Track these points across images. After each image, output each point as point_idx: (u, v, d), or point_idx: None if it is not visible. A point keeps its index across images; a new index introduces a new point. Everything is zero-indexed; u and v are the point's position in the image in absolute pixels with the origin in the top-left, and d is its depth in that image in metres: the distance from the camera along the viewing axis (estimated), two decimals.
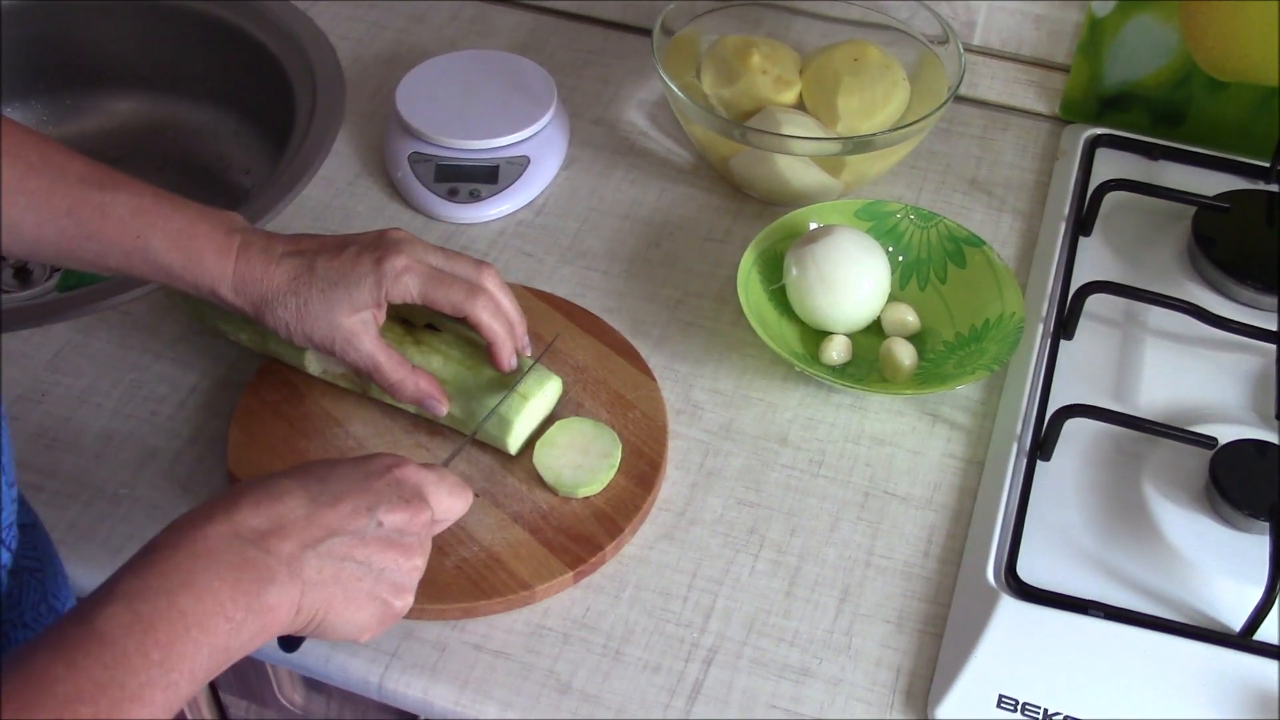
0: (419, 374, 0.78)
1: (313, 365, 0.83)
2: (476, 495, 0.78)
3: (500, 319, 0.78)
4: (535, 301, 0.90)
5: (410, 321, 0.82)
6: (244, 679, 0.89)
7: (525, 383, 0.79)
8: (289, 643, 0.66)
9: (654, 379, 0.85)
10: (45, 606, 0.66)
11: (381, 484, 0.63)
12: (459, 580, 0.74)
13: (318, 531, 0.60)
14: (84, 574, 0.76)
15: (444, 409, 0.79)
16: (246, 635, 0.56)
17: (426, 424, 0.82)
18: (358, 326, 0.76)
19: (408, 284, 0.75)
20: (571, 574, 0.75)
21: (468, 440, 0.78)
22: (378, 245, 0.76)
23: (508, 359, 0.79)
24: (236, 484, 0.62)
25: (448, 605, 0.73)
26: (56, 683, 0.49)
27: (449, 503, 0.67)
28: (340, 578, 0.60)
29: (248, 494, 0.59)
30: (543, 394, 0.80)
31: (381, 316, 0.77)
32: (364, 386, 0.83)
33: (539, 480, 0.79)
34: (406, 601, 0.64)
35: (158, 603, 0.53)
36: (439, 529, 0.68)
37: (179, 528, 0.57)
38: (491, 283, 0.78)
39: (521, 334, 0.80)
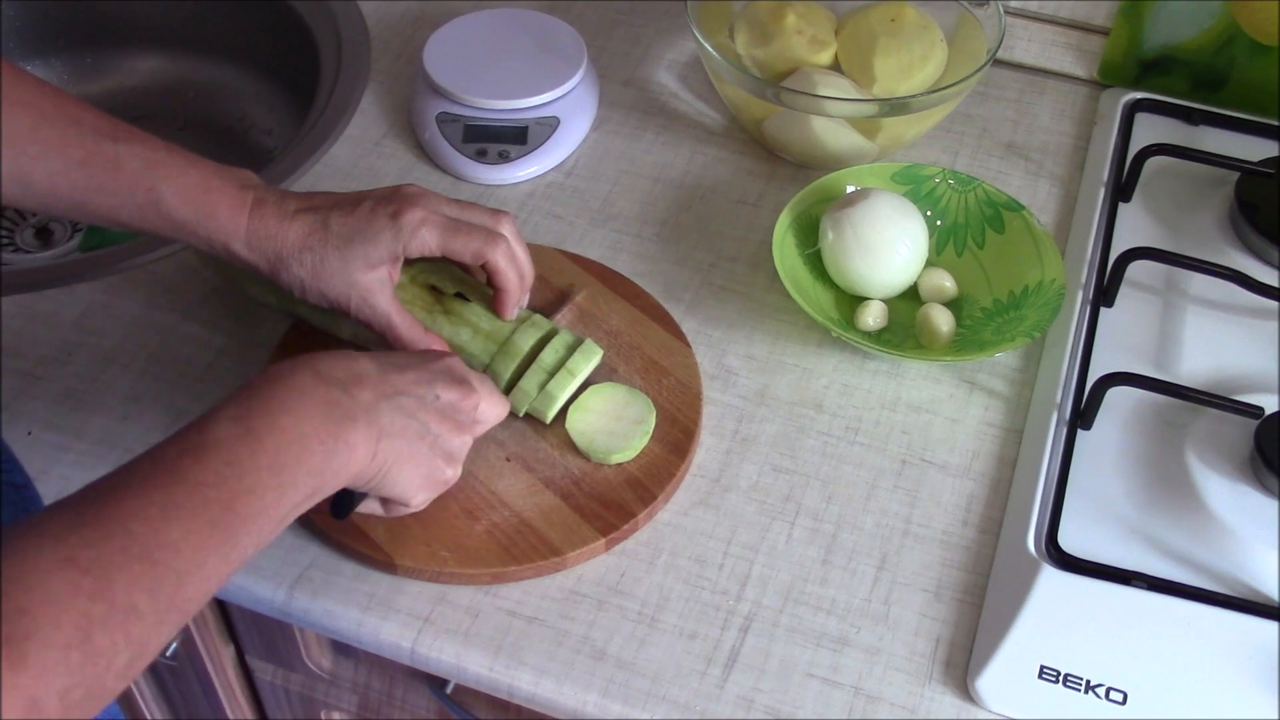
0: (431, 336, 0.78)
1: (344, 329, 0.82)
2: (507, 459, 0.77)
3: (514, 268, 0.78)
4: (568, 264, 0.88)
5: (440, 290, 0.81)
6: (271, 643, 0.89)
7: (574, 359, 0.78)
8: (342, 506, 0.68)
9: (688, 345, 0.84)
10: None
11: (438, 366, 0.69)
12: (489, 545, 0.73)
13: (389, 388, 0.65)
14: None
15: None
16: (336, 464, 0.61)
17: None
18: (374, 284, 0.75)
19: (426, 236, 0.75)
20: (603, 540, 0.74)
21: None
22: (392, 199, 0.76)
23: (512, 309, 0.80)
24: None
25: (477, 570, 0.73)
26: (186, 471, 0.55)
27: (489, 403, 0.72)
28: (407, 433, 0.65)
29: (324, 354, 0.64)
30: (587, 368, 0.79)
31: (396, 273, 0.76)
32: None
33: (571, 446, 0.78)
34: (456, 472, 0.70)
35: (261, 420, 0.58)
36: (478, 430, 0.72)
37: (270, 372, 0.61)
38: (509, 230, 0.78)
39: (529, 286, 0.80)
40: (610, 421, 0.78)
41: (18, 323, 0.87)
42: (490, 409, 0.72)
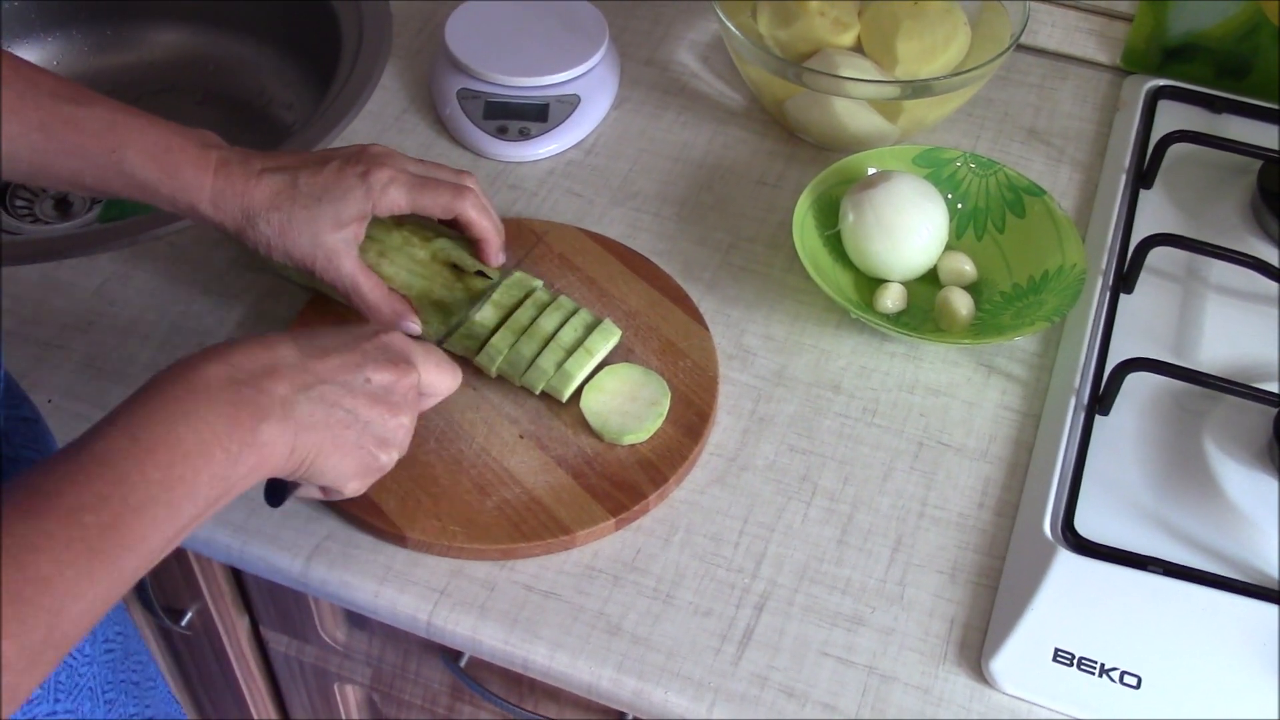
0: (394, 296, 0.79)
1: None
2: (521, 437, 0.77)
3: (487, 217, 0.80)
4: (589, 244, 0.88)
5: (461, 267, 0.81)
6: (286, 614, 0.89)
7: (592, 338, 0.78)
8: (275, 495, 0.67)
9: (707, 328, 0.84)
10: None
11: (370, 345, 0.65)
12: (499, 521, 0.74)
13: (308, 378, 0.61)
14: None
15: (418, 328, 0.80)
16: (244, 468, 0.57)
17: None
18: (340, 245, 0.76)
19: (394, 194, 0.76)
20: (613, 521, 0.74)
21: (457, 326, 0.79)
22: (360, 159, 0.76)
23: (497, 254, 0.81)
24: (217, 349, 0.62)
25: (487, 546, 0.73)
26: (60, 496, 0.50)
27: (435, 375, 0.68)
28: (330, 423, 0.61)
29: (240, 343, 0.60)
30: (605, 348, 0.79)
31: (362, 233, 0.77)
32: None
33: (585, 425, 0.78)
34: (391, 457, 0.66)
35: (156, 430, 0.54)
36: (427, 404, 0.70)
37: (175, 369, 0.57)
38: (473, 184, 0.79)
39: (503, 236, 0.82)
40: (625, 402, 0.78)
41: (38, 292, 0.87)
42: (439, 380, 0.69)
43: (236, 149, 0.76)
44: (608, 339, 0.80)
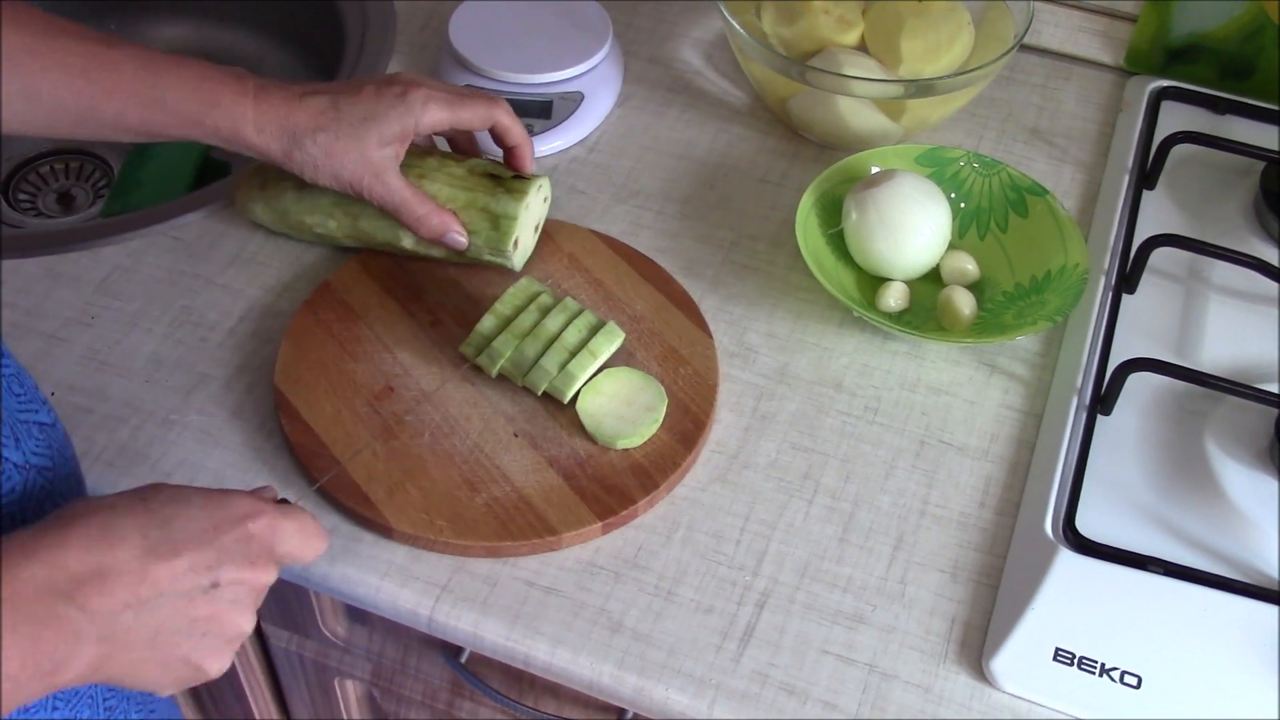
0: (442, 210, 0.81)
1: (406, 240, 0.84)
2: (515, 435, 0.77)
3: (519, 124, 0.84)
4: (599, 245, 0.88)
5: (498, 176, 0.84)
6: (287, 609, 0.89)
7: (596, 340, 0.79)
8: None
9: (710, 336, 0.83)
10: (51, 506, 0.65)
11: (230, 539, 0.58)
12: (487, 518, 0.74)
13: (144, 590, 0.54)
14: None
15: (465, 242, 0.83)
16: (24, 694, 0.52)
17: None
18: (386, 161, 0.79)
19: (435, 111, 0.79)
20: (600, 524, 0.74)
21: (340, 467, 0.75)
22: (394, 82, 0.80)
23: (530, 160, 0.85)
24: (74, 504, 0.56)
25: (472, 542, 0.73)
26: None
27: (299, 551, 0.62)
28: (156, 640, 0.56)
29: (80, 530, 0.54)
30: (610, 350, 0.80)
31: (403, 151, 0.80)
32: (458, 256, 0.85)
33: (580, 427, 0.78)
34: (222, 665, 0.60)
35: None
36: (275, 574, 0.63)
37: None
38: (504, 100, 0.84)
39: (531, 143, 0.86)
40: (621, 406, 0.78)
41: (42, 284, 0.87)
42: (302, 553, 0.62)
43: (271, 79, 0.78)
44: (612, 341, 0.80)
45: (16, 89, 0.72)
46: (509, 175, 0.84)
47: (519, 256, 0.85)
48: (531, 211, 0.85)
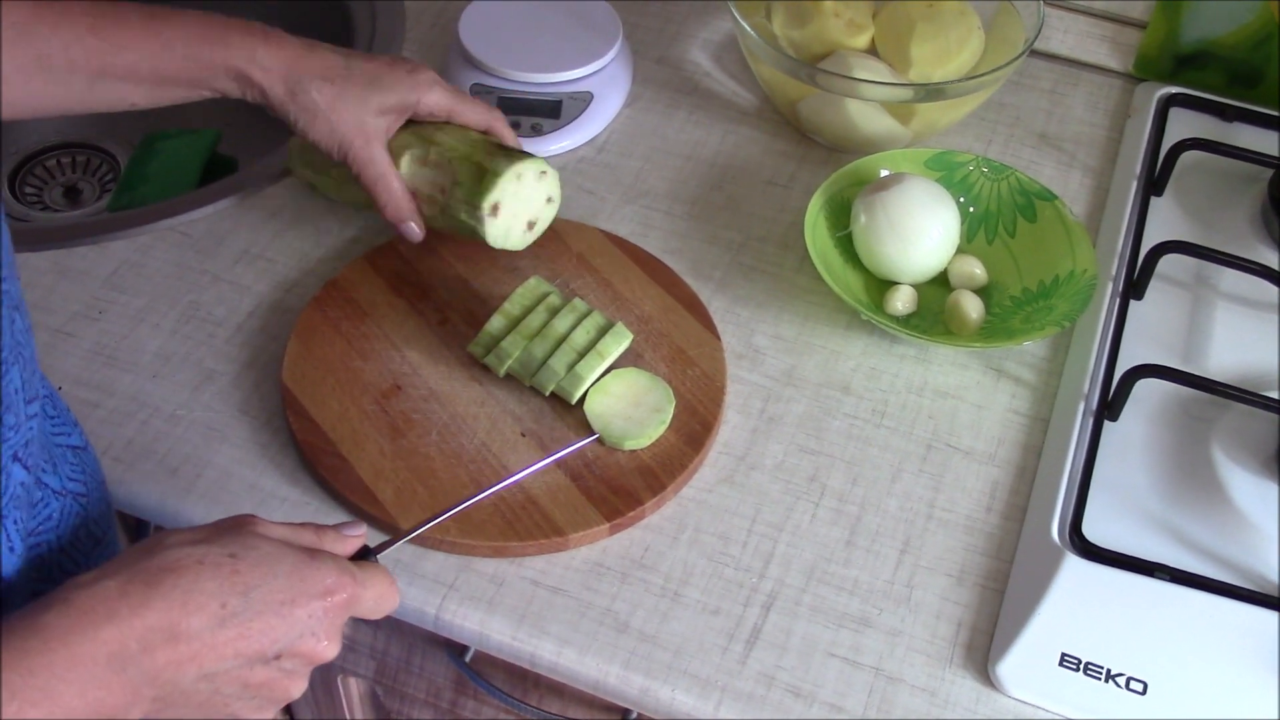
0: (410, 198, 0.82)
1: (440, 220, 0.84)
2: (522, 435, 0.77)
3: (512, 132, 0.86)
4: (608, 245, 0.88)
5: (503, 147, 0.83)
6: None
7: (604, 341, 0.79)
8: None
9: (718, 338, 0.83)
10: (85, 533, 0.65)
11: (305, 613, 0.56)
12: (493, 518, 0.74)
13: (209, 658, 0.54)
14: (142, 491, 0.76)
15: (419, 235, 0.83)
16: None
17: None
18: (380, 130, 0.80)
19: (438, 95, 0.81)
20: (607, 525, 0.74)
21: (433, 522, 0.70)
22: (404, 60, 0.82)
23: (513, 137, 0.86)
24: (165, 552, 0.55)
25: (478, 541, 0.73)
26: None
27: (369, 615, 0.61)
28: (208, 703, 0.56)
29: (164, 591, 0.53)
30: (618, 351, 0.80)
31: (395, 127, 0.81)
32: (441, 215, 0.83)
33: (587, 427, 0.78)
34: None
35: (14, 680, 0.50)
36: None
37: (80, 610, 0.52)
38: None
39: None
40: (628, 407, 0.78)
41: (49, 279, 0.87)
42: (373, 612, 0.61)
43: (279, 29, 0.80)
44: (620, 342, 0.80)
45: (31, 57, 0.72)
46: (516, 149, 0.84)
47: (496, 229, 0.81)
48: (525, 187, 0.81)
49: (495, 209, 0.80)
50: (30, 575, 0.60)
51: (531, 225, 0.84)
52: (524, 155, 0.82)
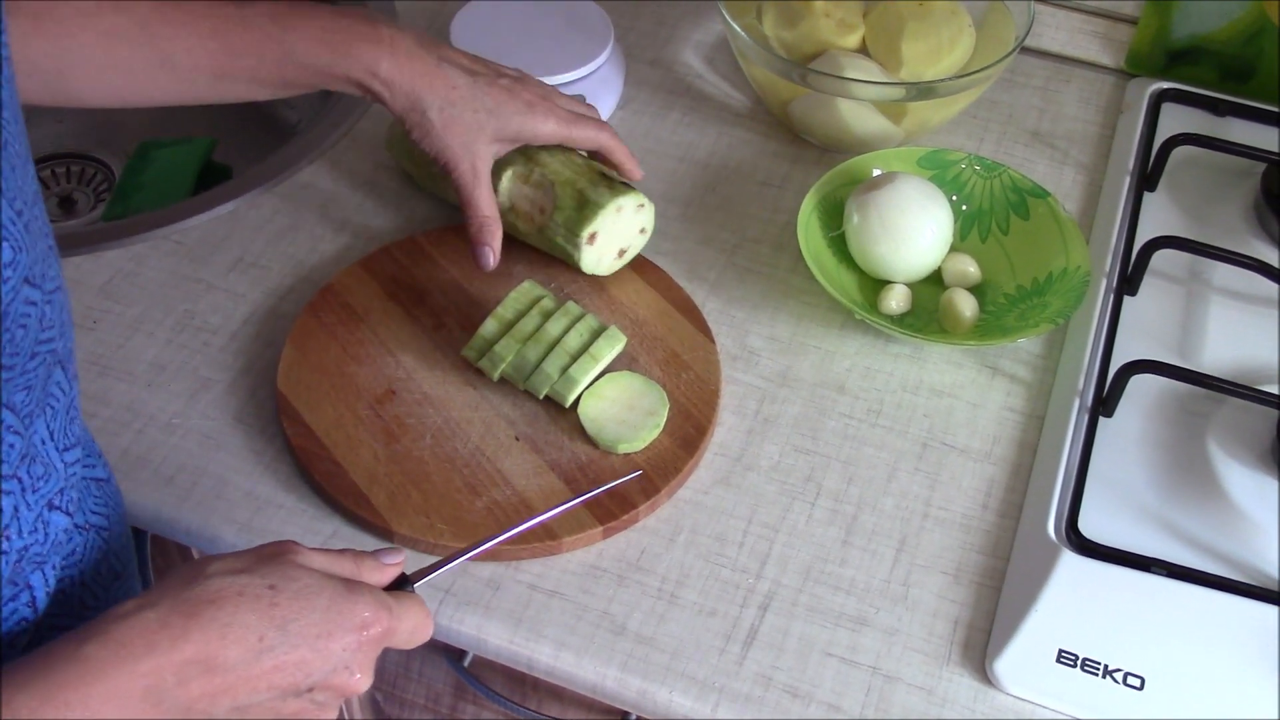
0: (497, 223, 0.83)
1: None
2: (516, 439, 0.78)
3: (623, 145, 0.87)
4: None
5: (609, 175, 0.86)
6: None
7: (598, 344, 0.79)
8: None
9: (713, 341, 0.83)
10: (106, 567, 0.66)
11: (340, 646, 0.56)
12: (487, 522, 0.74)
13: (244, 691, 0.54)
14: (139, 500, 0.76)
15: (492, 263, 0.83)
16: None
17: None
18: (487, 156, 0.81)
19: (552, 126, 0.82)
20: (601, 529, 0.74)
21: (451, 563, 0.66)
22: (526, 83, 0.83)
23: (636, 168, 0.87)
24: (205, 583, 0.55)
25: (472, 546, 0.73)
26: None
27: (403, 646, 0.61)
28: None
29: (203, 623, 0.53)
30: (611, 354, 0.80)
31: (506, 150, 0.83)
32: (538, 235, 0.86)
33: (582, 431, 0.78)
34: None
35: (48, 710, 0.50)
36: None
37: (120, 643, 0.52)
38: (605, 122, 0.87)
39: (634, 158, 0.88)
40: (622, 410, 0.78)
41: None
42: (406, 642, 0.60)
43: (406, 28, 0.79)
44: (613, 345, 0.80)
45: (155, 59, 0.73)
46: (619, 179, 0.86)
47: (590, 256, 0.84)
48: (623, 219, 0.84)
49: (593, 238, 0.83)
50: (52, 611, 0.61)
51: (622, 253, 0.87)
52: (626, 188, 0.84)
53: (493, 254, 0.83)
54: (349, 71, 0.77)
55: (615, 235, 0.85)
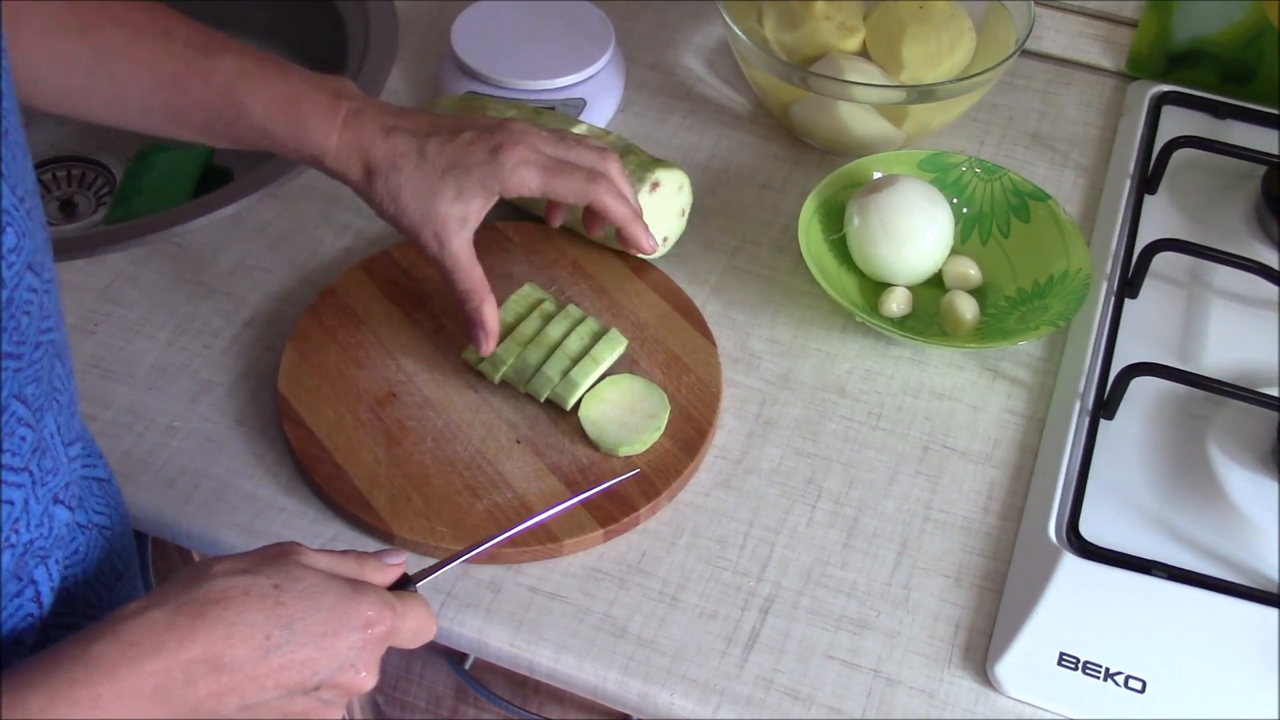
0: (486, 295, 0.76)
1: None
2: (517, 442, 0.78)
3: (623, 204, 0.76)
4: (602, 250, 0.88)
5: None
6: None
7: (599, 347, 0.79)
8: None
9: (714, 344, 0.83)
10: (108, 566, 0.66)
11: (345, 644, 0.56)
12: (488, 525, 0.74)
13: (251, 689, 0.54)
14: (140, 503, 0.76)
15: (488, 348, 0.78)
16: None
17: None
18: (452, 218, 0.73)
19: (526, 176, 0.73)
20: (602, 532, 0.74)
21: (452, 562, 0.67)
22: (495, 133, 0.74)
23: (646, 238, 0.78)
24: (210, 583, 0.55)
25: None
26: None
27: (406, 646, 0.61)
28: None
29: (209, 622, 0.53)
30: (612, 357, 0.80)
31: (482, 214, 0.74)
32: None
33: (583, 434, 0.78)
34: None
35: (62, 707, 0.50)
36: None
37: (128, 643, 0.52)
38: (614, 169, 0.77)
39: (640, 216, 0.79)
40: (623, 413, 0.78)
41: None
42: (410, 642, 0.61)
43: (371, 100, 0.74)
44: (614, 348, 0.80)
45: (109, 92, 0.71)
46: (652, 159, 0.85)
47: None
48: (655, 199, 0.85)
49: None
50: (57, 610, 0.61)
51: (664, 239, 0.88)
52: (666, 163, 0.85)
53: (484, 334, 0.77)
54: (300, 147, 0.73)
55: (655, 218, 0.85)
